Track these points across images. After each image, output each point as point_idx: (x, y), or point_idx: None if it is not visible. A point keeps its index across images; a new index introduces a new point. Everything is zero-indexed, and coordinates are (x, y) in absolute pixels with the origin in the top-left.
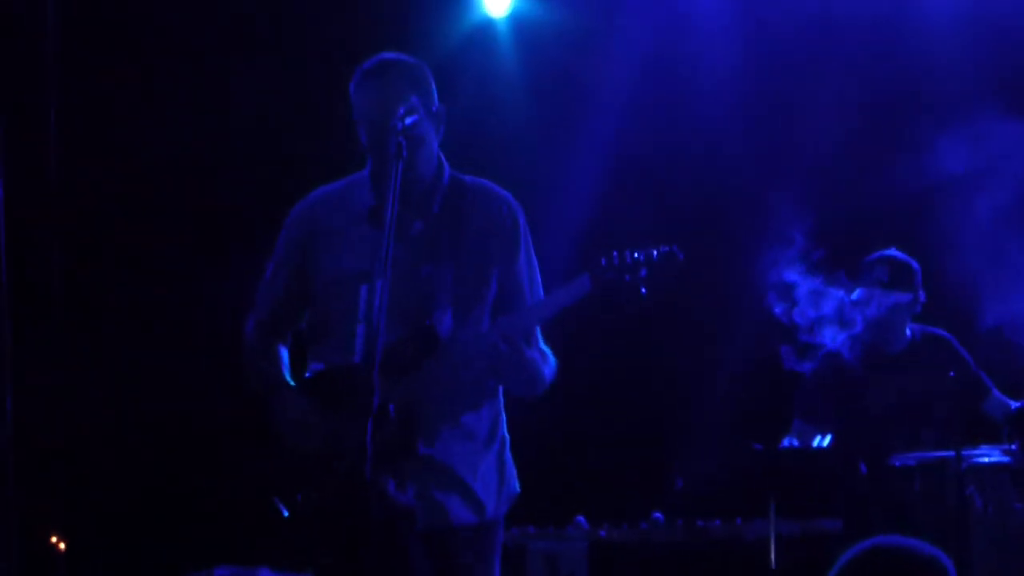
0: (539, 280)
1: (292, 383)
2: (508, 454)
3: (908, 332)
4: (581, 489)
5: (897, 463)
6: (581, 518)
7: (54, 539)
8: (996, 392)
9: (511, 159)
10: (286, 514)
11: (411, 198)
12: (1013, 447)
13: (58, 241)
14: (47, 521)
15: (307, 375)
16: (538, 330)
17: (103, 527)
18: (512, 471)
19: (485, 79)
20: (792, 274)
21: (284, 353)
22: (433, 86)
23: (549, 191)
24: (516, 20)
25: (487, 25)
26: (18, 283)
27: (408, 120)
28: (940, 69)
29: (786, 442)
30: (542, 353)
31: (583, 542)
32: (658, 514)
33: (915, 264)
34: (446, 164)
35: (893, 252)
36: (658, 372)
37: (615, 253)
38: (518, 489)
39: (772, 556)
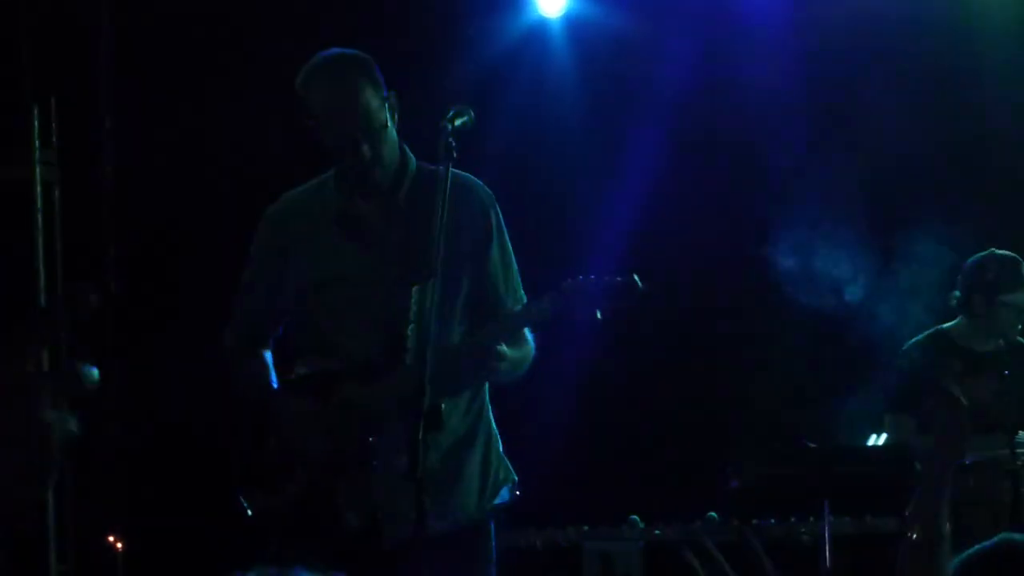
0: (515, 272)
1: (276, 387)
2: (496, 446)
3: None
4: (635, 488)
5: None
6: (635, 517)
7: (111, 539)
8: None
9: (561, 158)
10: (250, 514)
11: (378, 192)
12: None
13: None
14: (104, 521)
15: (294, 376)
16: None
17: (160, 527)
18: (503, 465)
19: (538, 79)
20: None
21: (269, 357)
22: (380, 74)
23: (598, 192)
24: (570, 20)
25: (541, 25)
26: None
27: (458, 121)
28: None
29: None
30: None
31: (638, 541)
32: (713, 513)
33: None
34: (409, 152)
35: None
36: (712, 370)
37: (579, 278)
38: (514, 477)
39: (827, 555)
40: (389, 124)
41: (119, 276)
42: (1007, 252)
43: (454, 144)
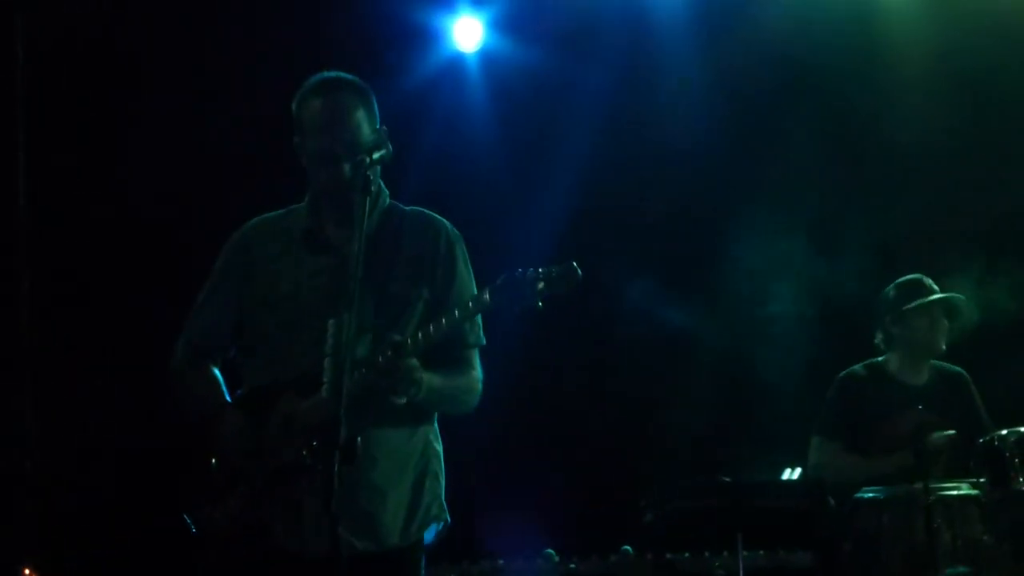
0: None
1: (229, 401)
2: (432, 483)
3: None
4: (551, 521)
5: (866, 495)
6: (551, 551)
7: (27, 572)
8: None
9: (478, 191)
10: (194, 531)
11: (349, 216)
12: (982, 480)
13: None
14: (18, 552)
15: (239, 393)
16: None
17: (77, 556)
18: (435, 500)
19: (455, 112)
20: None
21: (218, 374)
22: (376, 106)
23: (515, 224)
24: (486, 55)
25: (458, 59)
26: None
27: (376, 155)
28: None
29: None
30: (452, 371)
31: (553, 574)
32: (627, 547)
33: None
34: (384, 188)
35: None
36: (628, 403)
37: (517, 271)
38: (447, 519)
39: None
40: (360, 156)
41: (34, 307)
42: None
43: (372, 177)
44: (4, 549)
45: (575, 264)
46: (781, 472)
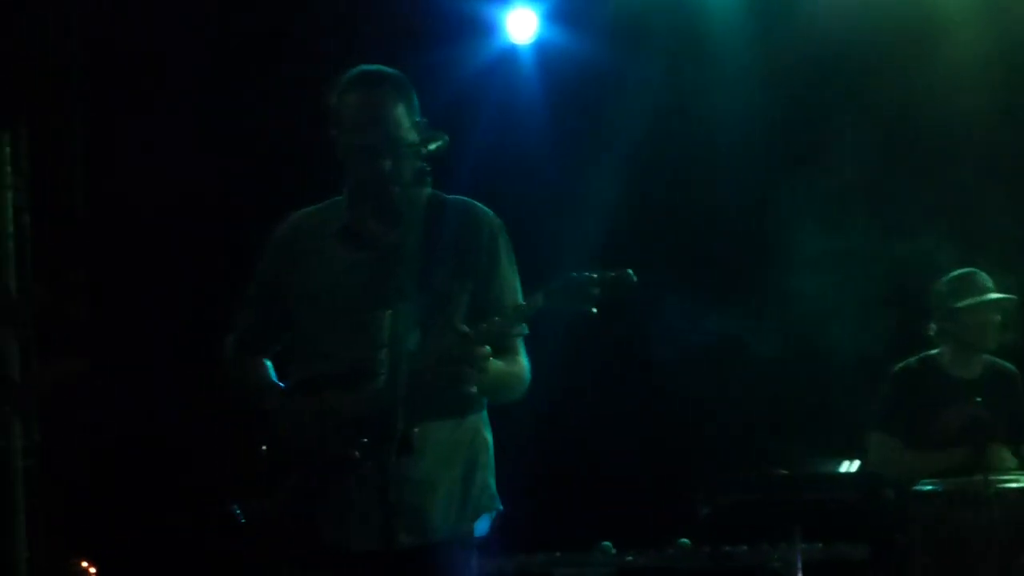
0: (520, 296)
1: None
2: (482, 473)
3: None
4: (607, 514)
5: (925, 488)
6: (607, 543)
7: (84, 564)
8: None
9: (529, 185)
10: (243, 521)
11: (389, 209)
12: None
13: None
14: (77, 544)
15: (286, 385)
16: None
17: (134, 549)
18: (485, 490)
19: (508, 105)
20: None
21: (269, 365)
22: (416, 99)
23: (565, 217)
24: (540, 47)
25: (511, 51)
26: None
27: (432, 146)
28: None
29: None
30: (506, 359)
31: (610, 567)
32: (684, 540)
33: None
34: (429, 176)
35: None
36: (685, 395)
37: (572, 274)
38: (499, 507)
39: None
40: (415, 147)
41: (89, 302)
42: (963, 268)
43: (428, 169)
44: (60, 541)
45: (630, 271)
46: (838, 465)
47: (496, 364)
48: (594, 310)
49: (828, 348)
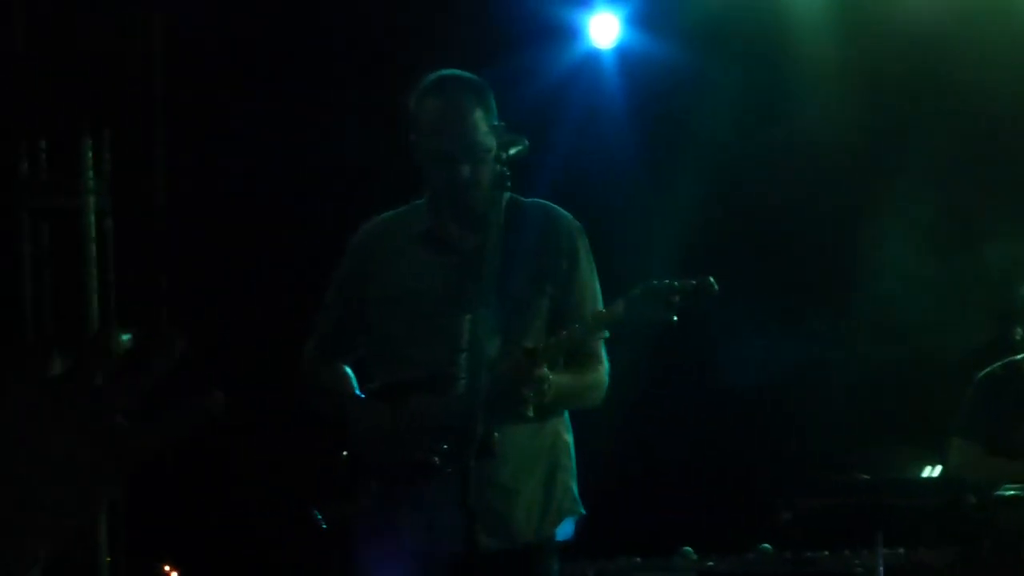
0: (598, 298)
1: (361, 395)
2: (563, 477)
3: None
4: (687, 519)
5: (1008, 493)
6: (688, 549)
7: (166, 568)
8: None
9: (613, 189)
10: (324, 527)
11: (469, 214)
12: None
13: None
14: (159, 548)
15: (369, 388)
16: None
17: (216, 553)
18: (567, 494)
19: (590, 110)
20: None
21: (349, 371)
22: (494, 104)
23: (647, 223)
24: (623, 52)
25: (594, 56)
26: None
27: (512, 150)
28: None
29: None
30: (581, 367)
31: (690, 572)
32: (766, 545)
33: None
34: (509, 181)
35: None
36: (766, 399)
37: (653, 282)
38: (582, 511)
39: None
40: (494, 152)
41: (172, 309)
42: None
43: (508, 173)
44: (145, 546)
45: (712, 279)
46: (921, 470)
47: (562, 380)
48: (675, 318)
49: (913, 353)
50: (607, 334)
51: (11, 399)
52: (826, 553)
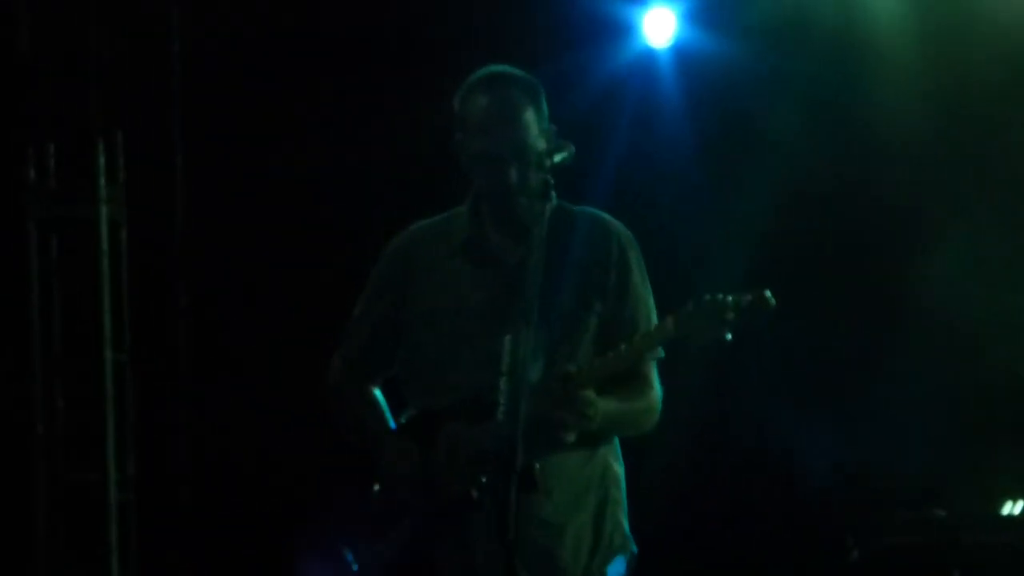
0: (652, 313)
1: (394, 427)
2: (613, 510)
3: None
4: (749, 557)
5: None
6: None
7: None
8: None
9: (668, 195)
10: (355, 568)
11: (513, 223)
12: None
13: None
14: (175, 562)
15: (403, 419)
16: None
17: (231, 567)
18: (619, 530)
19: (645, 111)
20: None
21: (380, 396)
22: (546, 104)
23: (710, 233)
24: (679, 50)
25: (649, 55)
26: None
27: (557, 158)
28: None
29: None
30: (630, 392)
31: None
32: None
33: None
34: (553, 189)
35: None
36: (832, 429)
37: (705, 297)
38: (634, 549)
39: None
40: (540, 157)
41: (190, 323)
42: None
43: (552, 182)
44: (161, 566)
45: (768, 293)
46: (1002, 505)
47: (610, 405)
48: (728, 336)
49: (996, 379)
50: (661, 354)
51: None
52: None
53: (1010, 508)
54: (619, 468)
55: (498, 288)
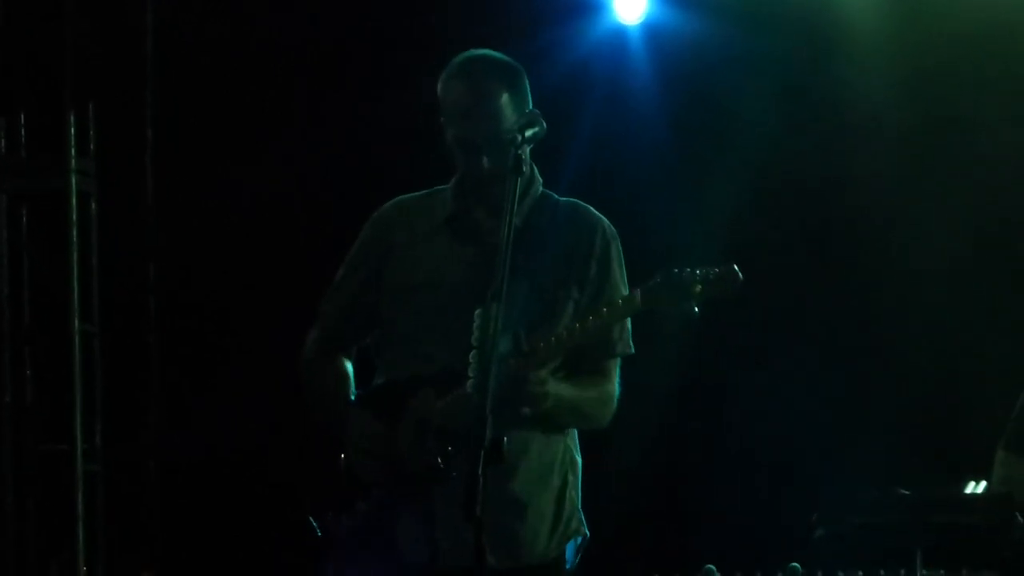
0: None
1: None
2: (572, 494)
3: None
4: (711, 535)
5: None
6: (711, 567)
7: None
8: None
9: (640, 176)
10: (319, 535)
11: (493, 204)
12: None
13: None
14: (141, 556)
15: (371, 388)
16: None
17: (198, 561)
18: (575, 512)
19: (616, 88)
20: None
21: (349, 367)
22: (528, 87)
23: (678, 214)
24: (649, 27)
25: (619, 32)
26: (113, 296)
27: (529, 132)
28: None
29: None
30: (586, 382)
31: None
32: (795, 564)
33: None
34: (538, 175)
35: None
36: (796, 412)
37: (673, 271)
38: (586, 533)
39: None
40: (510, 134)
41: (160, 297)
42: None
43: (524, 156)
44: (125, 553)
45: (736, 267)
46: (964, 485)
47: (562, 389)
48: (696, 310)
49: (959, 362)
50: (632, 349)
51: None
52: (860, 573)
53: (973, 487)
54: (578, 457)
55: (476, 266)
